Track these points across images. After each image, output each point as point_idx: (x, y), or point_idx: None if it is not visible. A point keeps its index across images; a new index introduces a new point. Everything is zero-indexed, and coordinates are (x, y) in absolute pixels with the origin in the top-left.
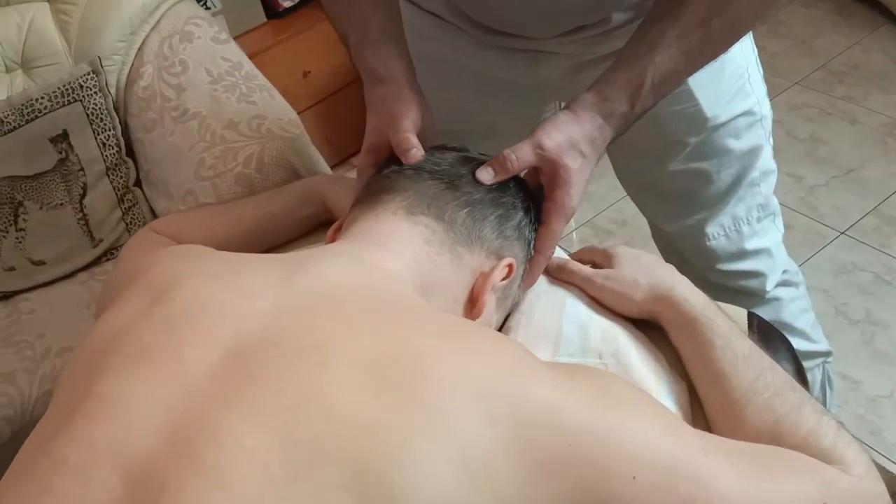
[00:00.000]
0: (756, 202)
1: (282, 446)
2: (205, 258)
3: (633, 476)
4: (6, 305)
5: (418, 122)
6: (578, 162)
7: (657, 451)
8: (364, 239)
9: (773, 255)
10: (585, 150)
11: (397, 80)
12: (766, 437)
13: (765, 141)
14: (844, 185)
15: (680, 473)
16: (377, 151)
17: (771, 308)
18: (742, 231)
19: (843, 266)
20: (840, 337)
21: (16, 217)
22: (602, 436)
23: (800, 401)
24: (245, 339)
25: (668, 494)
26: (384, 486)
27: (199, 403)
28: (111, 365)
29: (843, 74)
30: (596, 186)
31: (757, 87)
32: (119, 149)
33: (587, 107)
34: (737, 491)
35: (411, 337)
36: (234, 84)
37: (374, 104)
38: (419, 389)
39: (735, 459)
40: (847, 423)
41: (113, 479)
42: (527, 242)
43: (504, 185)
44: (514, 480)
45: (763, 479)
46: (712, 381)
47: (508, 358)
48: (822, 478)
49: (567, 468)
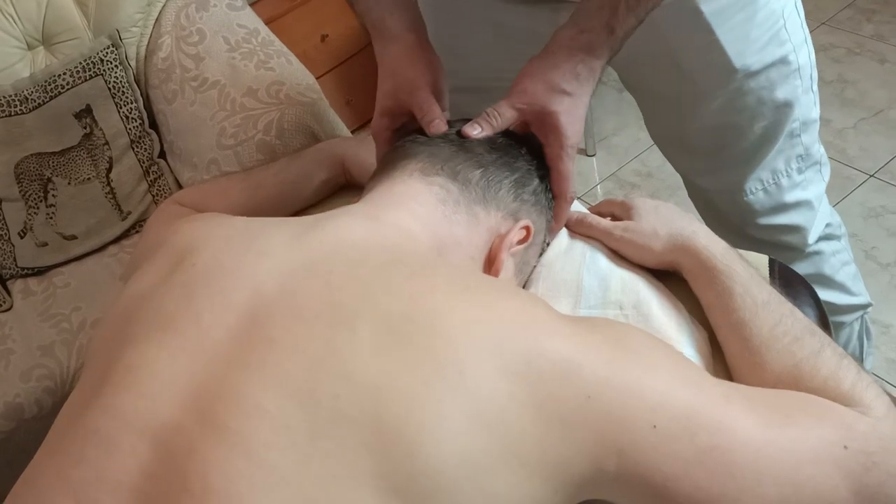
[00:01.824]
0: (796, 153)
1: (303, 408)
2: (221, 223)
3: (654, 425)
4: (42, 280)
5: (435, 84)
6: (565, 102)
7: (677, 401)
8: (380, 200)
9: (814, 207)
10: (570, 88)
11: (406, 36)
12: (786, 382)
13: (801, 92)
14: (873, 126)
15: (700, 422)
16: (392, 115)
17: (811, 262)
18: (781, 184)
19: (872, 209)
20: (870, 281)
21: (45, 193)
22: (621, 388)
23: (819, 345)
24: (262, 301)
25: (688, 444)
26: (403, 444)
27: (220, 369)
28: (135, 334)
29: (872, 12)
30: (619, 139)
31: (794, 33)
32: (142, 121)
33: (563, 45)
34: (758, 438)
35: (427, 294)
36: (252, 51)
37: (386, 64)
38: (435, 347)
39: (756, 406)
40: (878, 366)
41: (142, 447)
42: (543, 209)
43: (516, 151)
44: (532, 434)
45: (784, 425)
46: (732, 328)
47: (524, 312)
48: (842, 421)
49: (586, 421)
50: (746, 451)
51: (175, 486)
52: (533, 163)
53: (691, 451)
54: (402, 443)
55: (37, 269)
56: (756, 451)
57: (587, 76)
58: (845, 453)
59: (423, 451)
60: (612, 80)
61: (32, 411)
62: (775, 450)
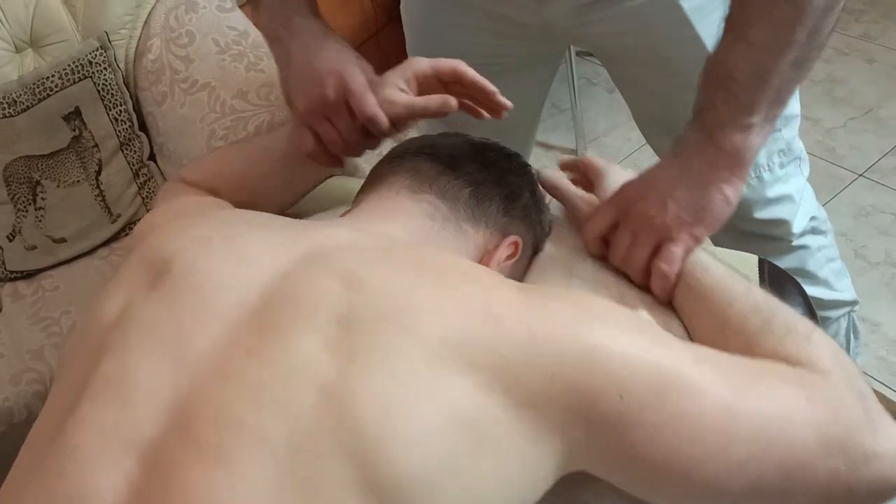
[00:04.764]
0: (777, 147)
1: (280, 420)
2: (199, 224)
3: (620, 395)
4: (31, 283)
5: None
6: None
7: (645, 366)
8: (366, 215)
9: (795, 201)
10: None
11: (319, 23)
12: (740, 349)
13: None
14: (862, 125)
15: (670, 387)
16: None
17: (797, 256)
18: (764, 178)
19: (862, 208)
20: (860, 279)
21: (34, 196)
22: (585, 360)
23: (770, 314)
24: (245, 310)
25: (657, 410)
26: (383, 450)
27: (201, 381)
28: (114, 344)
29: (860, 12)
30: (610, 139)
31: None
32: (131, 123)
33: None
34: (727, 400)
35: (398, 286)
36: (242, 53)
37: (305, 57)
38: (404, 346)
39: (723, 369)
40: (868, 365)
41: (127, 461)
42: (532, 224)
43: (507, 169)
44: (505, 422)
45: (750, 386)
46: (693, 310)
47: (480, 296)
48: (800, 378)
49: (554, 400)
50: (717, 413)
51: (158, 501)
52: (523, 178)
53: (661, 417)
54: (382, 449)
55: (26, 273)
56: (726, 413)
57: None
58: (809, 407)
59: (403, 457)
60: (602, 81)
61: (22, 415)
62: (744, 410)
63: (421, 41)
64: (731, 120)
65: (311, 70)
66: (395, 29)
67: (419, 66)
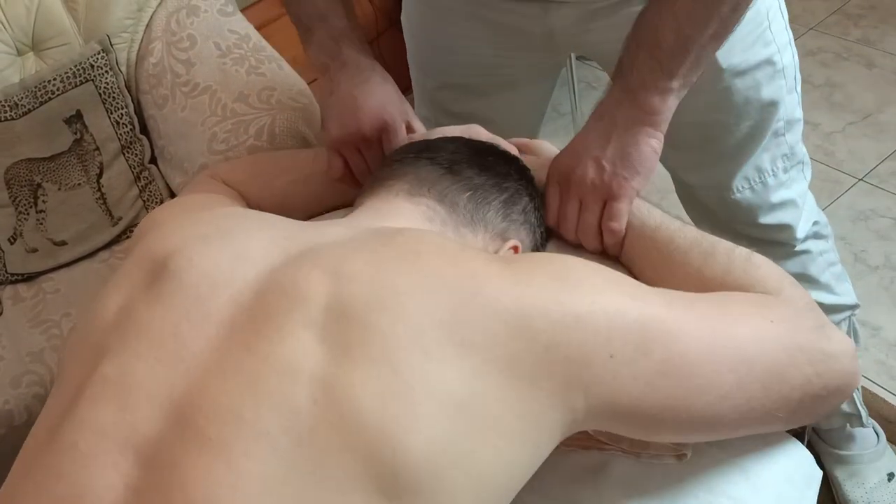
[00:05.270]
0: (781, 152)
1: (281, 414)
2: (196, 222)
3: (611, 355)
4: (31, 286)
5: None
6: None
7: (626, 321)
8: (365, 215)
9: (799, 205)
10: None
11: (373, 63)
12: (693, 289)
13: (786, 92)
14: (861, 130)
15: (653, 336)
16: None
17: (800, 261)
18: (768, 183)
19: (861, 212)
20: (859, 283)
21: (35, 199)
22: (574, 327)
23: (710, 244)
24: (239, 308)
25: (646, 362)
26: (385, 441)
27: (199, 378)
28: (112, 345)
29: (859, 17)
30: None
31: (779, 34)
32: (133, 126)
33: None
34: (705, 332)
35: (379, 274)
36: (243, 56)
37: (353, 93)
38: (398, 333)
39: (693, 305)
40: (867, 368)
41: (124, 461)
42: (532, 227)
43: (506, 173)
44: (502, 401)
45: (720, 316)
46: (641, 252)
47: (468, 276)
48: (758, 301)
49: (550, 372)
50: (699, 347)
51: (158, 499)
52: (522, 182)
53: (651, 366)
54: (385, 440)
55: (26, 275)
56: (707, 345)
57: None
58: (773, 326)
59: (404, 446)
60: (602, 85)
61: (22, 418)
62: (721, 339)
63: (422, 52)
64: (653, 83)
65: (353, 102)
66: (395, 34)
67: (478, 134)
